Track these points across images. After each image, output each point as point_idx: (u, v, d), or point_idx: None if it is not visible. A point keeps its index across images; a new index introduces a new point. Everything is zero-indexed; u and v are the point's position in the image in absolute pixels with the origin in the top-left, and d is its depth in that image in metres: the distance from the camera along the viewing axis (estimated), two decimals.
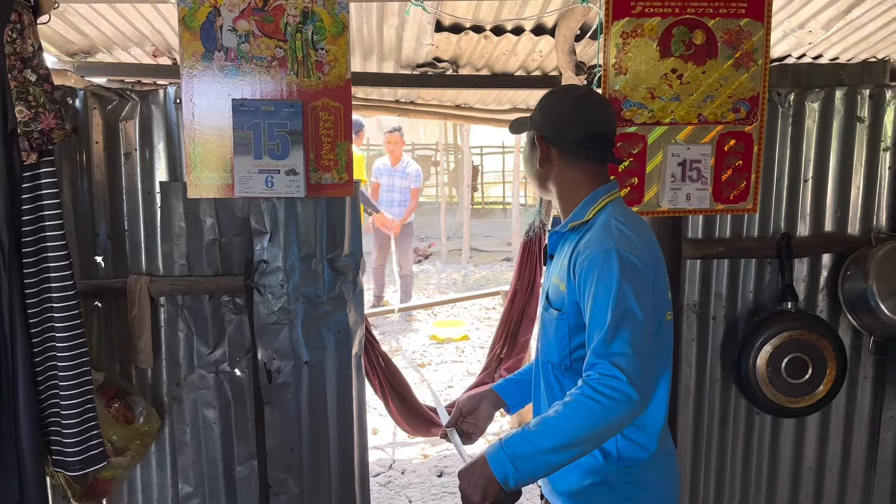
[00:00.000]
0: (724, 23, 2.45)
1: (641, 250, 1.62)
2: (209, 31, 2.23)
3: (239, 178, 2.27)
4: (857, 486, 2.95)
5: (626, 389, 1.46)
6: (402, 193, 7.56)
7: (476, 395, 1.98)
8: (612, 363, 1.48)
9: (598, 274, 1.56)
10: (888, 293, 2.59)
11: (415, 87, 4.38)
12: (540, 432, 1.50)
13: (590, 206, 1.71)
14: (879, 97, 2.72)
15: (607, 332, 1.51)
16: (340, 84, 2.32)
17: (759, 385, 2.66)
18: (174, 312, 2.58)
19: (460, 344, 6.95)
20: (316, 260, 2.51)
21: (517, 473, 1.49)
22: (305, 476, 2.61)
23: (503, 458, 1.51)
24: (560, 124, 1.75)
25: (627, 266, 1.56)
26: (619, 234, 1.61)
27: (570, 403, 1.50)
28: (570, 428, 1.48)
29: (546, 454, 1.49)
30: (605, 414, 1.47)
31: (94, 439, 2.08)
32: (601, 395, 1.47)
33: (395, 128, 7.51)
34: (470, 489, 1.54)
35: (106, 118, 2.51)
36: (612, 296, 1.53)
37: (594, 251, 1.59)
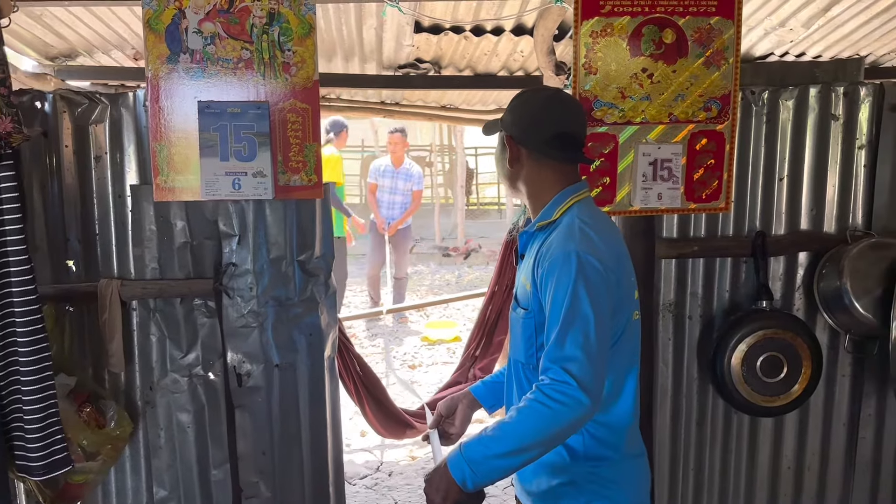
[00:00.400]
0: (695, 21, 2.44)
1: (603, 251, 1.63)
2: (174, 34, 2.22)
3: (205, 180, 2.26)
4: (837, 485, 2.94)
5: (575, 395, 1.49)
6: (405, 196, 7.47)
7: (454, 398, 2.01)
8: (563, 368, 1.51)
9: (557, 276, 1.58)
10: (862, 291, 2.58)
11: (397, 88, 4.38)
12: (494, 437, 1.55)
13: (557, 206, 1.73)
14: (854, 95, 2.71)
15: (558, 335, 1.54)
16: (308, 85, 2.31)
17: (735, 384, 2.65)
18: (146, 316, 2.57)
19: (452, 345, 6.94)
20: (286, 262, 2.50)
21: (474, 476, 1.54)
22: (277, 479, 2.60)
23: (461, 462, 1.55)
24: (529, 124, 1.76)
25: (586, 268, 1.57)
26: (580, 235, 1.63)
27: (523, 409, 1.54)
28: (522, 433, 1.53)
29: (499, 458, 1.53)
30: (555, 419, 1.50)
31: (57, 444, 2.07)
32: (551, 401, 1.50)
33: (398, 129, 7.36)
34: (433, 492, 1.59)
35: (76, 122, 2.50)
36: (566, 298, 1.55)
37: (555, 252, 1.61)
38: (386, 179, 7.44)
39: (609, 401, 1.68)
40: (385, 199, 7.45)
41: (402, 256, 7.69)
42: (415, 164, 7.78)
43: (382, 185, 7.45)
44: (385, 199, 7.45)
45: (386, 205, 7.44)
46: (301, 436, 2.60)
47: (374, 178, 7.55)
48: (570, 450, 1.69)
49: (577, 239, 1.61)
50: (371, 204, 7.62)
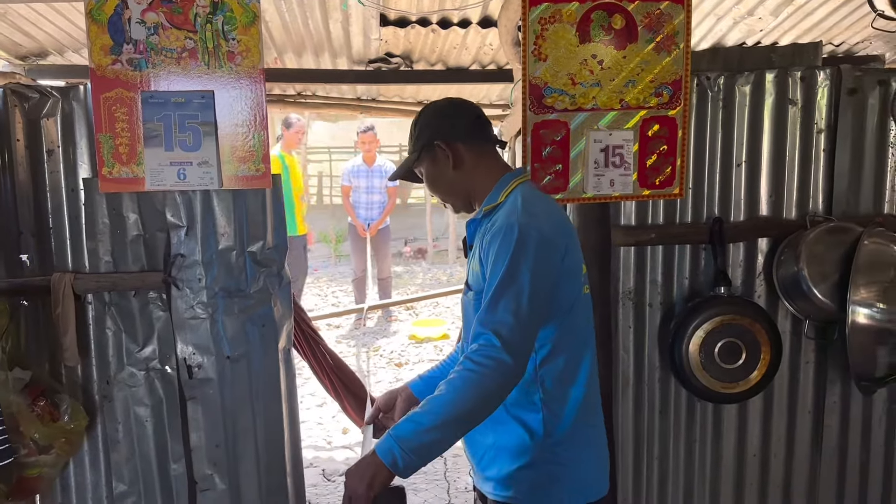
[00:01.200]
0: (644, 6, 2.43)
1: (544, 223, 1.64)
2: (117, 24, 2.22)
3: (150, 170, 2.26)
4: (803, 473, 2.92)
5: (499, 356, 1.50)
6: (382, 194, 7.39)
7: (392, 392, 2.01)
8: (493, 331, 1.52)
9: (498, 246, 1.60)
10: (820, 277, 2.56)
11: (368, 84, 4.37)
12: (424, 412, 1.52)
13: (501, 189, 1.75)
14: (811, 79, 2.70)
15: (491, 300, 1.55)
16: (253, 74, 2.31)
17: (693, 371, 2.63)
18: (102, 310, 2.56)
19: (439, 343, 6.93)
20: (236, 253, 2.49)
21: (404, 455, 1.47)
22: (232, 472, 2.59)
23: (389, 443, 1.50)
24: (448, 121, 1.80)
25: (526, 238, 1.58)
26: (522, 208, 1.64)
27: (452, 380, 1.53)
28: (451, 402, 1.50)
29: (429, 432, 1.49)
30: (482, 382, 1.50)
31: None
32: (477, 365, 1.51)
33: (369, 127, 7.31)
34: (356, 481, 1.50)
35: (27, 116, 2.50)
36: (504, 266, 1.57)
37: (499, 224, 1.63)
38: (361, 180, 7.35)
39: (567, 379, 1.70)
40: (362, 199, 7.36)
41: (385, 257, 7.62)
42: (387, 161, 7.71)
43: (358, 185, 7.36)
44: (362, 199, 7.36)
45: (364, 205, 7.36)
46: (256, 428, 2.59)
47: (347, 180, 7.45)
48: (530, 431, 1.69)
49: (518, 212, 1.63)
50: (346, 207, 7.51)
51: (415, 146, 1.83)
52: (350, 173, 7.42)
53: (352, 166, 7.49)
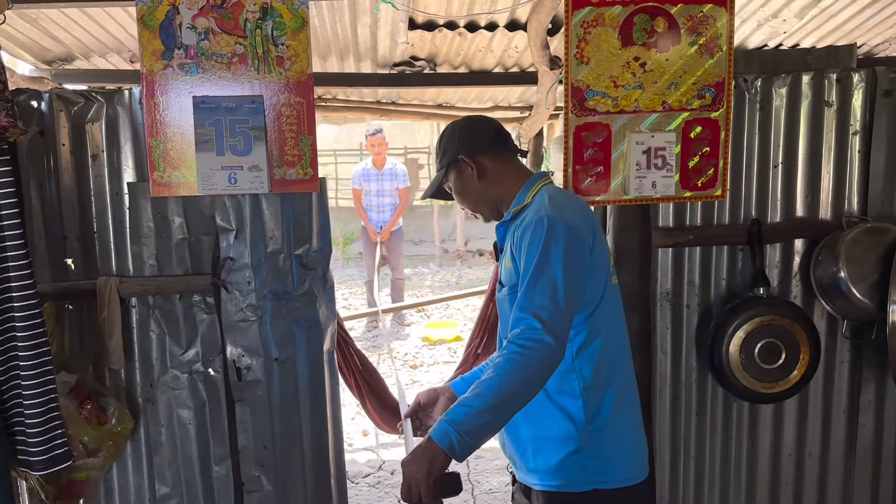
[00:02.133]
0: (687, 9, 2.45)
1: (572, 216, 1.72)
2: (168, 30, 2.24)
3: (201, 175, 2.27)
4: (838, 472, 2.94)
5: (542, 338, 1.57)
6: (393, 196, 7.37)
7: (436, 389, 2.07)
8: (533, 315, 1.60)
9: (530, 238, 1.68)
10: (859, 277, 2.59)
11: (392, 87, 4.39)
12: (476, 395, 1.56)
13: (527, 191, 1.85)
14: (846, 81, 2.72)
15: (528, 286, 1.64)
16: (302, 79, 2.32)
17: (733, 371, 2.65)
18: (145, 313, 2.58)
19: (453, 345, 6.95)
20: (283, 256, 2.50)
21: (461, 438, 1.52)
22: (279, 473, 2.61)
23: (445, 427, 1.54)
24: (470, 135, 1.92)
25: (556, 228, 1.67)
26: (550, 203, 1.73)
27: (499, 363, 1.59)
28: (499, 385, 1.56)
29: (483, 414, 1.54)
30: (527, 363, 1.57)
31: (58, 439, 2.08)
32: (521, 348, 1.57)
33: (377, 129, 7.22)
34: (414, 468, 1.53)
35: (72, 120, 2.51)
36: (537, 254, 1.65)
37: (529, 219, 1.72)
38: (371, 183, 7.31)
39: (604, 366, 1.76)
40: (373, 202, 7.34)
41: (398, 258, 7.61)
42: (398, 163, 7.66)
43: (368, 189, 7.33)
44: (373, 202, 7.34)
45: (375, 208, 7.33)
46: (302, 429, 2.60)
47: (357, 183, 7.40)
48: (572, 419, 1.75)
49: (546, 206, 1.72)
50: (358, 211, 7.48)
51: (441, 164, 1.95)
52: (360, 176, 7.39)
53: (362, 169, 7.44)
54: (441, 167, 1.95)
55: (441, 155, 1.95)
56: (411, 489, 1.53)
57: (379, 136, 7.24)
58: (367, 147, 7.41)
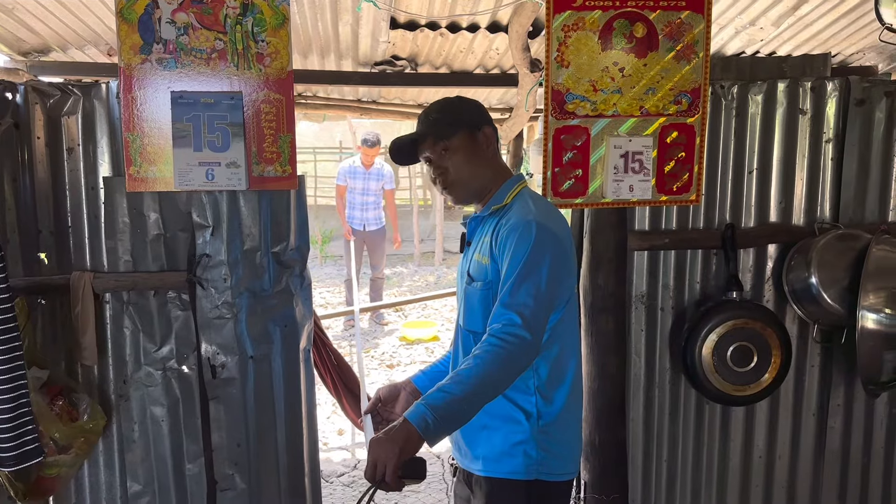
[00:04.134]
0: (665, 15, 2.48)
1: (556, 224, 1.79)
2: (147, 24, 2.22)
3: (178, 170, 2.26)
4: (807, 474, 2.98)
5: (522, 333, 1.62)
6: (377, 196, 7.39)
7: (396, 385, 2.06)
8: (516, 311, 1.65)
9: (517, 239, 1.72)
10: (830, 282, 2.63)
11: (373, 86, 4.39)
12: (454, 382, 1.60)
13: (507, 191, 1.87)
14: (821, 89, 2.76)
15: (513, 284, 1.68)
16: (282, 76, 2.32)
17: (706, 374, 2.68)
18: (119, 309, 2.55)
19: (430, 344, 6.96)
20: (260, 253, 2.49)
21: (436, 421, 1.54)
22: (253, 471, 2.60)
23: (422, 410, 1.55)
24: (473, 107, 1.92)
25: (544, 233, 1.72)
26: (536, 209, 1.78)
27: (479, 354, 1.63)
28: (479, 374, 1.60)
29: (460, 402, 1.58)
30: (506, 356, 1.62)
31: (28, 435, 2.06)
32: (502, 341, 1.62)
33: (376, 141, 7.18)
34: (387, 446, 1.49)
35: (48, 113, 2.48)
36: (524, 256, 1.69)
37: (515, 221, 1.75)
38: (357, 181, 7.32)
39: (560, 367, 1.82)
40: (357, 200, 7.33)
41: (380, 258, 7.60)
42: (385, 164, 7.63)
43: (353, 186, 7.33)
44: (357, 200, 7.33)
45: (359, 206, 7.33)
46: (276, 427, 2.59)
47: (342, 179, 7.42)
48: (524, 412, 1.80)
49: (533, 212, 1.77)
50: (338, 207, 7.48)
51: (454, 123, 1.85)
52: (347, 173, 7.39)
53: (348, 166, 7.44)
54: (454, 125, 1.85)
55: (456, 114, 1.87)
56: (377, 468, 1.49)
57: (376, 149, 7.22)
58: (363, 156, 7.34)
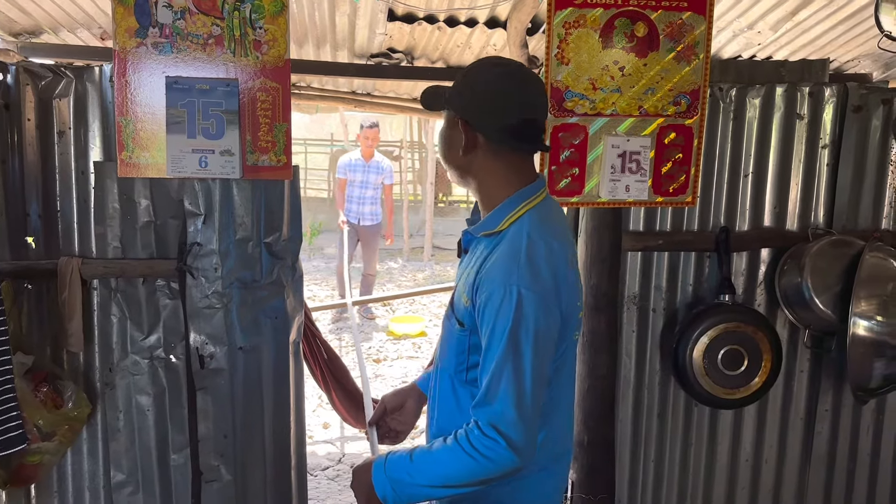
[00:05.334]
0: (667, 16, 2.46)
1: (547, 280, 1.46)
2: (143, 7, 2.19)
3: (171, 157, 2.22)
4: (793, 479, 2.99)
5: (504, 454, 1.41)
6: (376, 189, 7.32)
7: (401, 391, 1.91)
8: (492, 425, 1.41)
9: (497, 312, 1.44)
10: (822, 288, 2.63)
11: (368, 78, 4.34)
12: (418, 466, 1.49)
13: (506, 212, 1.54)
14: (818, 95, 2.76)
15: (490, 385, 1.43)
16: (279, 64, 2.29)
17: (696, 376, 2.68)
18: (107, 296, 2.52)
19: (417, 340, 6.94)
20: (252, 243, 2.46)
21: (396, 497, 1.50)
22: (238, 463, 2.57)
23: (384, 479, 1.51)
24: (489, 108, 1.53)
25: (526, 307, 1.43)
26: (526, 262, 1.45)
27: (451, 448, 1.46)
28: (445, 472, 1.47)
29: (422, 488, 1.49)
30: (480, 470, 1.43)
31: (12, 421, 2.02)
32: (478, 454, 1.42)
33: (374, 123, 7.20)
34: (358, 493, 1.56)
35: (39, 95, 2.44)
36: (503, 342, 1.42)
37: (496, 285, 1.45)
38: (357, 174, 7.27)
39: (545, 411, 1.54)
40: (355, 193, 7.28)
41: (373, 253, 7.55)
42: (384, 158, 7.62)
43: (353, 179, 7.27)
44: (355, 193, 7.28)
45: (356, 199, 7.28)
46: (264, 420, 2.57)
47: (343, 173, 7.36)
48: None
49: (519, 268, 1.44)
50: (339, 201, 7.44)
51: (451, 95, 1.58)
52: (347, 166, 7.34)
53: (349, 160, 7.39)
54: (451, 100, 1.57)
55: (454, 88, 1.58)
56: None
57: (374, 130, 7.21)
58: (360, 139, 7.32)
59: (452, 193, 15.12)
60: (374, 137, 7.25)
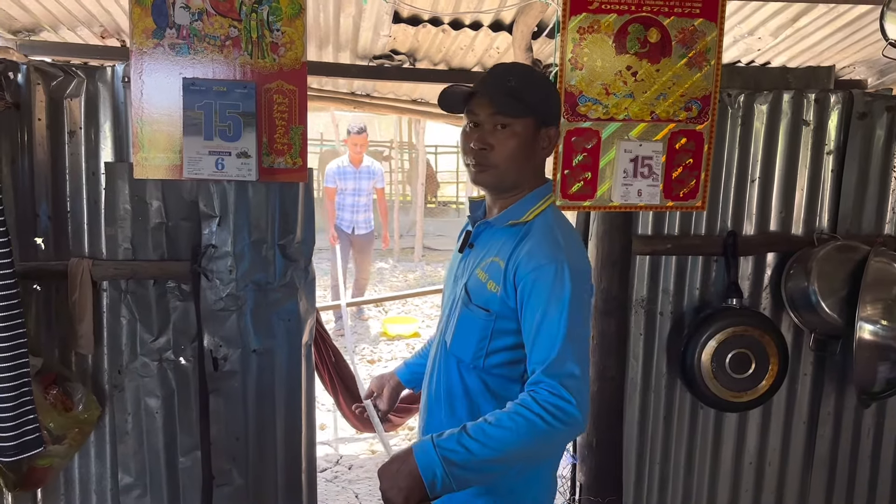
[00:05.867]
0: (679, 22, 2.49)
1: (586, 260, 1.60)
2: (161, 8, 2.17)
3: (188, 158, 2.21)
4: (795, 481, 3.03)
5: (574, 413, 1.42)
6: (370, 195, 6.99)
7: (382, 377, 2.05)
8: (562, 384, 1.43)
9: (551, 288, 1.49)
10: (829, 292, 2.66)
11: (371, 79, 4.34)
12: (479, 441, 1.42)
13: (529, 205, 1.62)
14: (824, 101, 2.80)
15: (560, 351, 1.45)
16: (296, 67, 2.28)
17: (704, 379, 2.70)
18: (117, 298, 2.50)
19: (411, 340, 6.94)
20: (267, 246, 2.46)
21: (447, 479, 1.39)
22: (251, 467, 2.56)
23: (434, 460, 1.40)
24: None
25: (579, 281, 1.51)
26: (566, 243, 1.55)
27: (515, 417, 1.43)
28: (511, 442, 1.42)
29: (482, 464, 1.42)
30: (551, 435, 1.43)
31: (29, 424, 2.01)
32: (549, 416, 1.41)
33: (362, 128, 6.86)
34: (393, 490, 1.41)
35: (50, 95, 2.41)
36: (565, 314, 1.47)
37: (545, 263, 1.51)
38: (348, 182, 6.90)
39: None
40: (348, 201, 6.93)
41: (367, 263, 7.33)
42: (374, 161, 7.28)
43: (344, 187, 6.91)
44: (348, 201, 6.93)
45: (350, 207, 6.94)
46: (276, 423, 2.56)
47: (332, 181, 6.92)
48: None
49: (564, 248, 1.53)
50: (329, 212, 6.99)
51: (528, 106, 1.57)
52: (336, 174, 6.93)
53: (337, 167, 6.97)
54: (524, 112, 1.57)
55: (531, 99, 1.57)
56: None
57: (363, 136, 6.88)
58: (349, 144, 6.96)
59: (442, 194, 15.13)
60: (363, 143, 6.94)
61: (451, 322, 1.70)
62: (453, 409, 1.67)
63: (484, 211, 1.75)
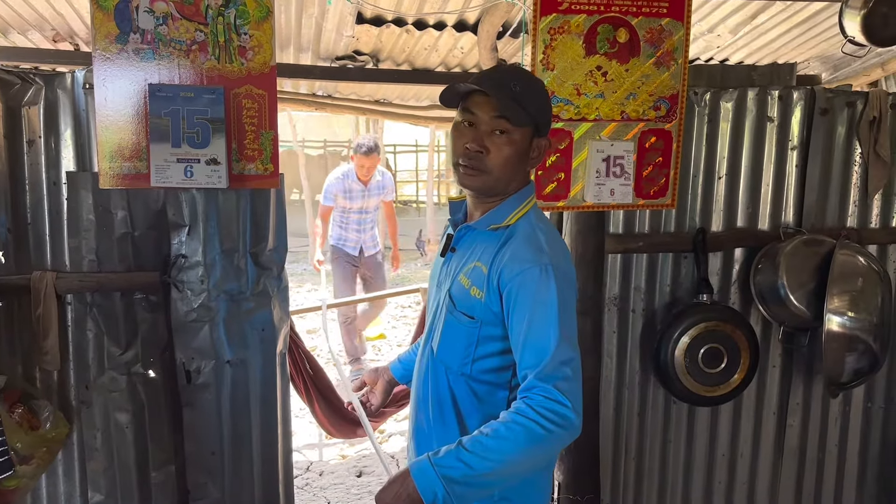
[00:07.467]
0: (647, 22, 2.50)
1: (569, 263, 1.59)
2: (124, 12, 2.10)
3: (156, 167, 2.15)
4: (767, 471, 3.08)
5: (570, 416, 1.42)
6: (375, 213, 5.97)
7: (378, 370, 2.05)
8: (556, 387, 1.42)
9: (536, 292, 1.48)
10: (797, 285, 2.71)
11: (334, 81, 4.30)
12: (478, 455, 1.41)
13: (511, 208, 1.61)
14: (788, 98, 2.85)
15: (552, 354, 1.45)
16: (265, 70, 2.23)
17: (678, 375, 2.73)
18: (83, 311, 2.42)
19: (377, 342, 6.90)
20: (239, 254, 2.40)
21: (448, 498, 1.39)
22: (227, 480, 2.50)
23: (434, 480, 1.40)
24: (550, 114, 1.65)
25: (564, 283, 1.51)
26: (549, 246, 1.54)
27: (512, 426, 1.42)
28: (510, 451, 1.42)
29: (483, 478, 1.41)
30: (550, 440, 1.42)
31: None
32: (547, 421, 1.41)
33: (371, 147, 5.58)
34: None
35: (7, 103, 2.32)
36: (553, 316, 1.47)
37: (528, 266, 1.50)
38: (355, 201, 5.75)
39: None
40: (353, 219, 5.82)
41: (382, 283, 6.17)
42: (386, 171, 6.12)
43: (350, 206, 5.76)
44: (353, 219, 5.82)
45: (354, 226, 5.84)
46: (252, 435, 2.51)
47: (331, 200, 5.75)
48: None
49: (547, 251, 1.53)
50: (322, 233, 5.89)
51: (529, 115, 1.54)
52: (339, 192, 5.71)
53: (339, 183, 5.72)
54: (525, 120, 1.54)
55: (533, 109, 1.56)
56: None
57: (372, 157, 5.60)
58: (356, 165, 5.65)
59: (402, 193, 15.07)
60: (371, 165, 5.65)
61: (436, 329, 1.69)
62: (442, 414, 1.66)
63: (465, 213, 1.73)
